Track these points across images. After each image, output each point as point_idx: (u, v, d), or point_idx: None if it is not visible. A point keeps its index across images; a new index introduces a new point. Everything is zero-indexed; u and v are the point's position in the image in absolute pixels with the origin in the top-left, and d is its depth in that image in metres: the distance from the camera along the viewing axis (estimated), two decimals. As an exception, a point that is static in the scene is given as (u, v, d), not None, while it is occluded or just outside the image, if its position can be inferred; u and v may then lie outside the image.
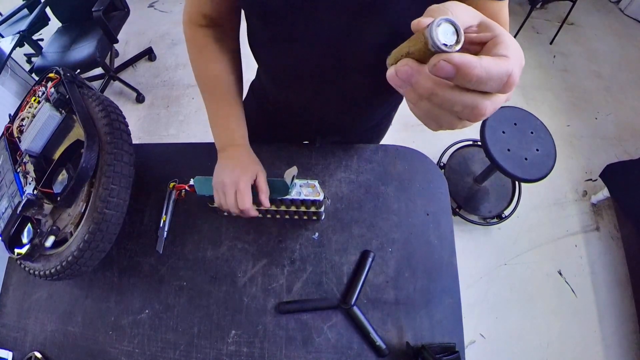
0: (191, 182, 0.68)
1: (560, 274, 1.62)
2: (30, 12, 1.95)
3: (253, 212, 0.62)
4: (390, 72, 0.27)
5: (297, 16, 0.48)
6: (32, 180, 0.69)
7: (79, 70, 0.82)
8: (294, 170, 0.64)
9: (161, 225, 0.76)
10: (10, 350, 0.72)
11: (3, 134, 0.79)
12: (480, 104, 0.25)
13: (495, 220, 1.71)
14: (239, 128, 0.66)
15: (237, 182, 0.60)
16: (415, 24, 0.26)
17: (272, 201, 0.67)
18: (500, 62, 0.24)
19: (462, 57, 0.23)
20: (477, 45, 0.28)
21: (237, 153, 0.65)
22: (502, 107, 1.45)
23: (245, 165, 0.63)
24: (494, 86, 0.24)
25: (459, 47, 0.23)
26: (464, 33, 0.27)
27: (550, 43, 2.27)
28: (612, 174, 1.61)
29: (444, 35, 0.23)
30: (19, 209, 0.65)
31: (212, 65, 0.63)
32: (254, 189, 0.63)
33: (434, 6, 0.27)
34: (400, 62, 0.26)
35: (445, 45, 0.23)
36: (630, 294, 1.54)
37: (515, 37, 2.19)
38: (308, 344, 0.67)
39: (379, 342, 0.64)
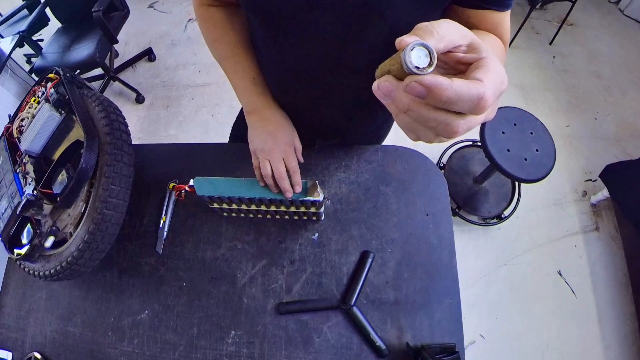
0: (191, 182, 0.68)
1: (560, 274, 1.62)
2: (30, 12, 1.95)
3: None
4: (374, 86, 0.29)
5: (297, 17, 0.48)
6: (31, 181, 0.69)
7: (78, 71, 0.82)
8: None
9: (161, 225, 0.76)
10: (9, 351, 0.72)
11: (3, 134, 0.79)
12: (452, 122, 0.26)
13: (495, 220, 1.71)
14: (265, 90, 0.68)
15: (281, 147, 0.66)
16: (398, 42, 0.27)
17: (272, 201, 0.68)
18: (472, 85, 0.25)
19: (433, 78, 0.24)
20: (464, 65, 0.30)
21: (270, 114, 0.68)
22: (501, 107, 1.45)
23: (283, 127, 0.68)
24: (465, 107, 0.25)
25: (431, 69, 0.25)
26: (454, 52, 0.29)
27: (550, 43, 2.27)
28: (612, 174, 1.61)
29: (416, 58, 0.25)
30: (19, 209, 0.65)
31: (227, 36, 0.65)
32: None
33: (422, 24, 0.28)
34: (382, 78, 0.28)
35: (417, 68, 0.25)
36: (630, 294, 1.54)
37: (515, 37, 2.20)
38: (308, 345, 0.67)
39: (379, 342, 0.64)
